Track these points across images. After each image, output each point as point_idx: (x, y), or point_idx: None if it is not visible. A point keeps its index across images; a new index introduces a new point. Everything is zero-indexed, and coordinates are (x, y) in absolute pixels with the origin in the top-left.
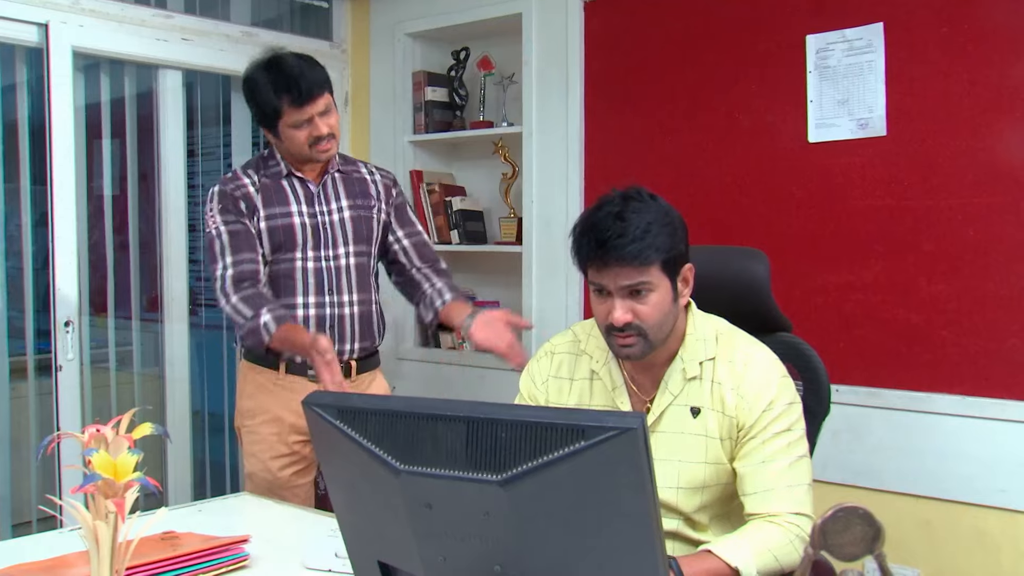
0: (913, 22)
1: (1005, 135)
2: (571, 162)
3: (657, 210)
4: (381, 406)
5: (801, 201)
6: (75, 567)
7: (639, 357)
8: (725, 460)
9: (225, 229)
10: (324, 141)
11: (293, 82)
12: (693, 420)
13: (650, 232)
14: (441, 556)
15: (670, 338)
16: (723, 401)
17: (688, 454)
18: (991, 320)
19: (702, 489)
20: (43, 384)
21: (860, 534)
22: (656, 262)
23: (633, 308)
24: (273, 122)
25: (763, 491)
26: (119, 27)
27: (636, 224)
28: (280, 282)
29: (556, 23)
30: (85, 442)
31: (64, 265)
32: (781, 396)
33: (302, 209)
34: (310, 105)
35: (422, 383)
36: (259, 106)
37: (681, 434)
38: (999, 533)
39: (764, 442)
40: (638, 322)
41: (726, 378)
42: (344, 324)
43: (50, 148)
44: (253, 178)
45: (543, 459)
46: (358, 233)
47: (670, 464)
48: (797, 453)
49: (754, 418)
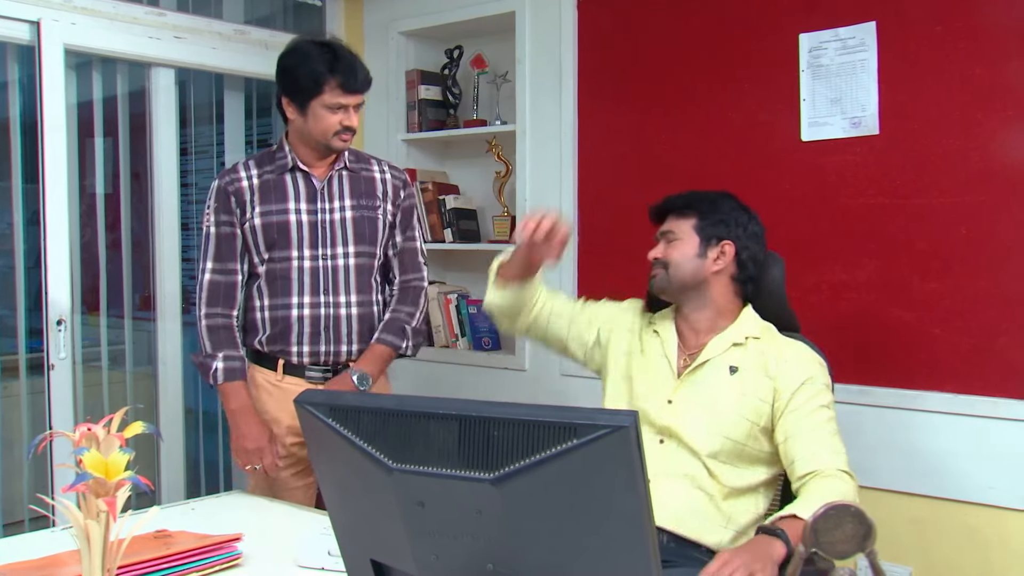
0: (906, 21)
1: (997, 134)
2: (564, 160)
3: (715, 198)
4: (373, 404)
5: (794, 199)
6: (67, 566)
7: (660, 285)
8: (758, 421)
9: (214, 232)
10: (348, 133)
11: (348, 67)
12: (729, 376)
13: (694, 200)
14: (434, 554)
15: (721, 312)
16: (765, 366)
17: (717, 403)
18: (983, 318)
19: (723, 438)
20: (35, 383)
21: (852, 532)
22: (691, 219)
23: (663, 249)
24: (307, 97)
25: (811, 455)
26: (111, 25)
27: (688, 195)
28: (277, 282)
29: (549, 21)
30: (76, 441)
31: (56, 264)
32: (820, 376)
33: (300, 207)
34: (354, 95)
35: (416, 381)
36: (300, 77)
37: (715, 386)
38: (990, 530)
39: (809, 413)
40: (663, 258)
41: (770, 350)
42: (340, 325)
43: (42, 146)
44: (252, 172)
45: (535, 457)
46: (359, 233)
47: (700, 408)
48: (835, 428)
49: (793, 388)
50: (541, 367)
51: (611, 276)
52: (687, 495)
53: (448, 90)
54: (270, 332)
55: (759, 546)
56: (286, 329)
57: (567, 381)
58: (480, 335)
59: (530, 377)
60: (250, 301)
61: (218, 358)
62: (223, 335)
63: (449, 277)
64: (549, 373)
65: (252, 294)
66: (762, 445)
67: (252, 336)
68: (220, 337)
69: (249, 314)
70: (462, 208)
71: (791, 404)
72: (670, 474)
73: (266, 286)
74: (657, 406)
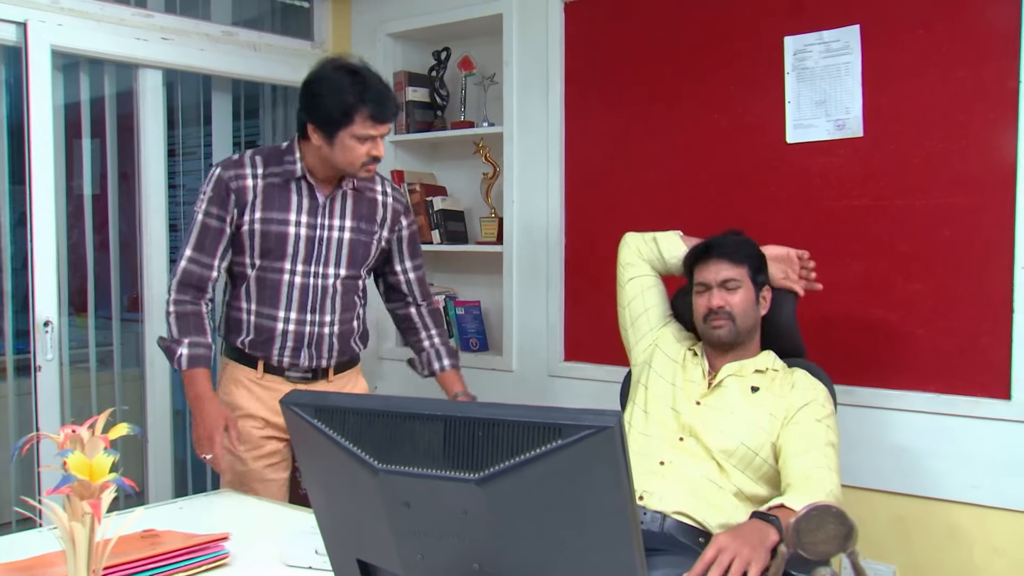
0: (889, 24)
1: (980, 136)
2: (552, 162)
3: (750, 242)
4: (359, 405)
5: (779, 201)
6: (55, 567)
7: (728, 338)
8: (771, 435)
9: (201, 220)
10: (374, 163)
11: (381, 98)
12: (751, 394)
13: (743, 246)
14: (419, 554)
15: (749, 345)
16: (782, 387)
17: (738, 411)
18: (965, 319)
19: (739, 442)
20: (22, 384)
21: (833, 532)
22: (746, 265)
23: (726, 297)
24: (336, 126)
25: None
26: (98, 26)
27: (735, 239)
28: (266, 292)
29: (537, 24)
30: (61, 443)
31: (43, 265)
32: (828, 403)
33: (301, 219)
34: (384, 126)
35: (404, 383)
36: (329, 107)
37: (737, 398)
38: (972, 529)
39: (812, 423)
40: (729, 308)
41: (786, 379)
42: (323, 343)
43: (29, 148)
44: (258, 171)
45: (520, 458)
46: (353, 256)
47: (722, 412)
48: (831, 441)
49: (800, 405)
50: (528, 367)
51: (598, 278)
52: (696, 483)
53: (436, 92)
54: (253, 337)
55: (753, 530)
56: (270, 340)
57: (554, 381)
58: (468, 336)
59: (517, 377)
60: (237, 301)
61: (184, 344)
62: (192, 321)
63: (437, 278)
64: (536, 373)
65: (240, 294)
66: (771, 460)
67: (235, 336)
68: (188, 323)
69: (234, 313)
70: (449, 209)
71: (795, 417)
72: (683, 464)
73: (255, 291)
74: (687, 408)
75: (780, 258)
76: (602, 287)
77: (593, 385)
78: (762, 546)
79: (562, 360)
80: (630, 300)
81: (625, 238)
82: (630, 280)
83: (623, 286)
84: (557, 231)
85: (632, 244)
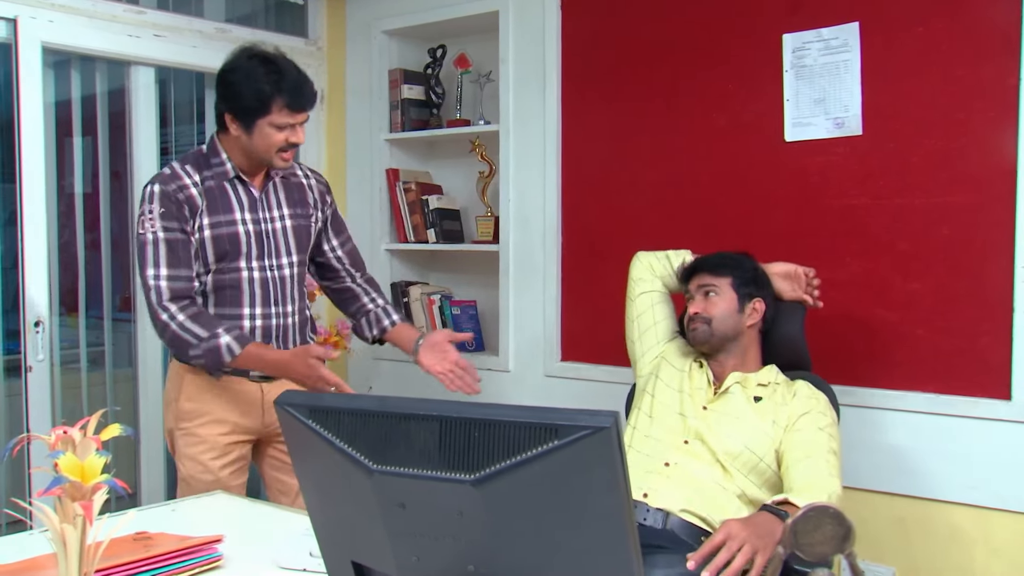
0: (888, 22)
1: (979, 134)
2: (548, 161)
3: (743, 258)
4: (354, 405)
5: (778, 200)
6: (46, 570)
7: (703, 338)
8: (775, 441)
9: (164, 236)
10: (291, 149)
11: (295, 86)
12: (755, 403)
13: (728, 259)
14: (415, 556)
15: (746, 360)
16: (784, 396)
17: (743, 417)
18: (964, 319)
19: (744, 446)
20: (13, 385)
21: (831, 533)
22: (728, 277)
23: (703, 304)
24: (253, 116)
25: (807, 458)
26: (90, 22)
27: (724, 254)
28: (226, 292)
29: (533, 21)
30: (52, 444)
31: (34, 264)
32: (829, 411)
33: (245, 217)
34: (301, 113)
35: (398, 383)
36: (245, 96)
37: (743, 406)
38: (972, 530)
39: (814, 431)
40: (705, 314)
41: (788, 390)
42: (288, 334)
43: (19, 146)
44: (195, 178)
45: (516, 458)
46: (299, 243)
47: (728, 417)
48: (833, 448)
49: (801, 412)
50: (524, 368)
51: (594, 275)
52: (701, 483)
53: (431, 89)
54: None
55: (762, 522)
56: None
57: (550, 382)
58: None
59: (514, 378)
60: None
61: (220, 335)
62: (206, 316)
63: (432, 278)
64: (533, 373)
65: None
66: (774, 465)
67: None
68: (206, 318)
69: None
70: (445, 208)
71: (797, 425)
72: (688, 466)
73: (213, 295)
74: (694, 412)
75: (788, 275)
76: (599, 287)
77: (590, 385)
78: (770, 538)
79: (559, 360)
80: (639, 313)
81: (638, 255)
82: (640, 294)
83: (633, 300)
84: (554, 230)
85: (644, 260)
